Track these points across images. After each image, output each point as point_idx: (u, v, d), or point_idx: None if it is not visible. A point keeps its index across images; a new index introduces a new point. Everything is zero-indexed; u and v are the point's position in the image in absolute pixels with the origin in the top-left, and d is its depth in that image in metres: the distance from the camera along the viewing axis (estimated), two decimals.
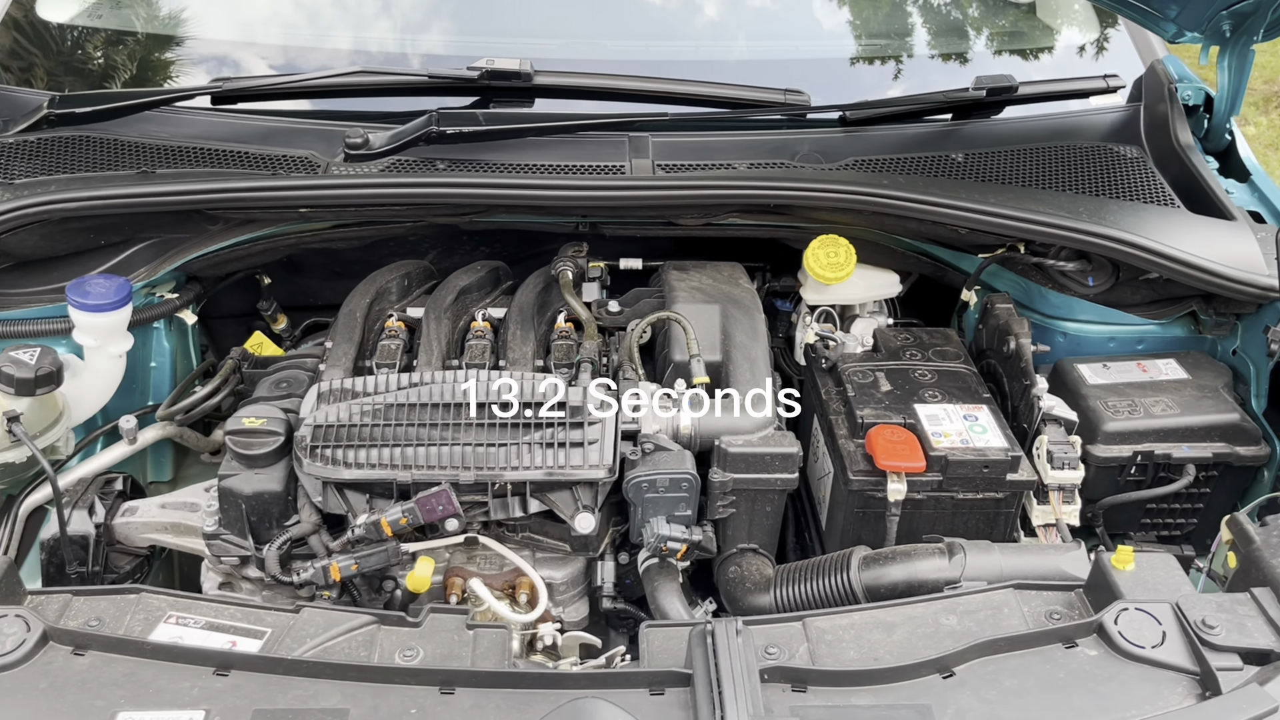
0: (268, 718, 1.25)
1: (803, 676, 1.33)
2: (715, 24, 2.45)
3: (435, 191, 1.93)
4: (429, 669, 1.31)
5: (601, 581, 1.88)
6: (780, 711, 1.28)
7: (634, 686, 1.31)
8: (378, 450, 1.70)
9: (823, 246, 2.07)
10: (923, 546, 1.71)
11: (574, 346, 1.94)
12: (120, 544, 1.97)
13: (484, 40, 2.47)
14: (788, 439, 1.79)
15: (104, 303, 1.93)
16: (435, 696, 1.29)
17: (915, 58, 2.49)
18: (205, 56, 2.43)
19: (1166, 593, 1.44)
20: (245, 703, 1.27)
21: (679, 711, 1.28)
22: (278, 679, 1.30)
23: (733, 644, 1.31)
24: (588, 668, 1.50)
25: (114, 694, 1.27)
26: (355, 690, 1.29)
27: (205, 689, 1.28)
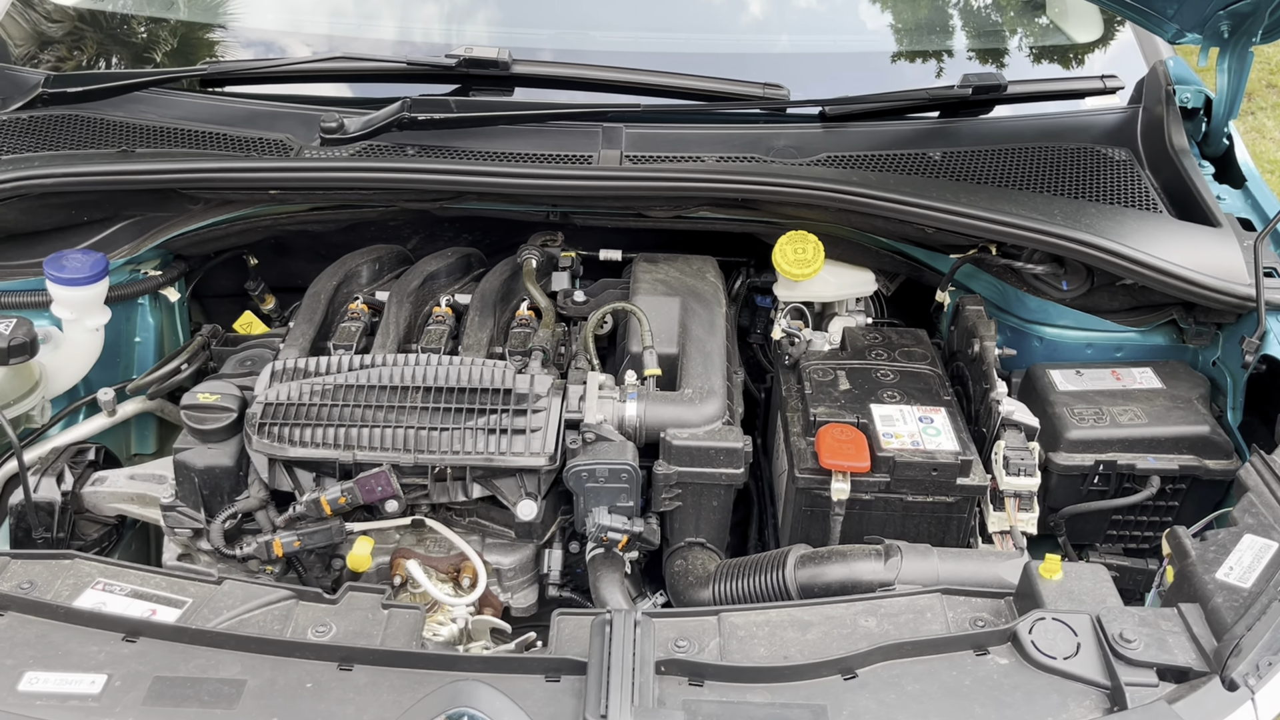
0: (167, 685, 1.28)
1: (700, 670, 1.32)
2: (704, 17, 2.44)
3: (402, 177, 1.95)
4: (329, 645, 1.33)
5: (549, 569, 1.89)
6: (671, 704, 1.28)
7: (531, 672, 1.32)
8: (323, 430, 1.73)
9: (791, 242, 2.06)
10: (860, 548, 1.69)
11: (530, 334, 1.95)
12: (89, 512, 2.02)
13: (481, 29, 2.49)
14: (734, 434, 1.78)
15: (79, 277, 1.98)
16: (333, 672, 1.31)
17: (905, 54, 2.45)
18: (199, 40, 2.48)
19: (1091, 604, 1.41)
20: (148, 669, 1.30)
21: (571, 699, 1.28)
22: (183, 648, 1.33)
23: (628, 634, 1.31)
24: (490, 651, 1.51)
25: (24, 654, 1.31)
26: (256, 662, 1.32)
27: (112, 654, 1.32)
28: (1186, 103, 2.31)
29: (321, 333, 1.97)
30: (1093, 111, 2.39)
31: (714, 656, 1.39)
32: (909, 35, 2.50)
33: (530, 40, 2.42)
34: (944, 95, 2.21)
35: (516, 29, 2.48)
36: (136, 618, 1.36)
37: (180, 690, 1.27)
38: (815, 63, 2.37)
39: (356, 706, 1.27)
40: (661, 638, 1.41)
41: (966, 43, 2.52)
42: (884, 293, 2.37)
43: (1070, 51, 2.57)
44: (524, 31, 2.46)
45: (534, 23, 2.46)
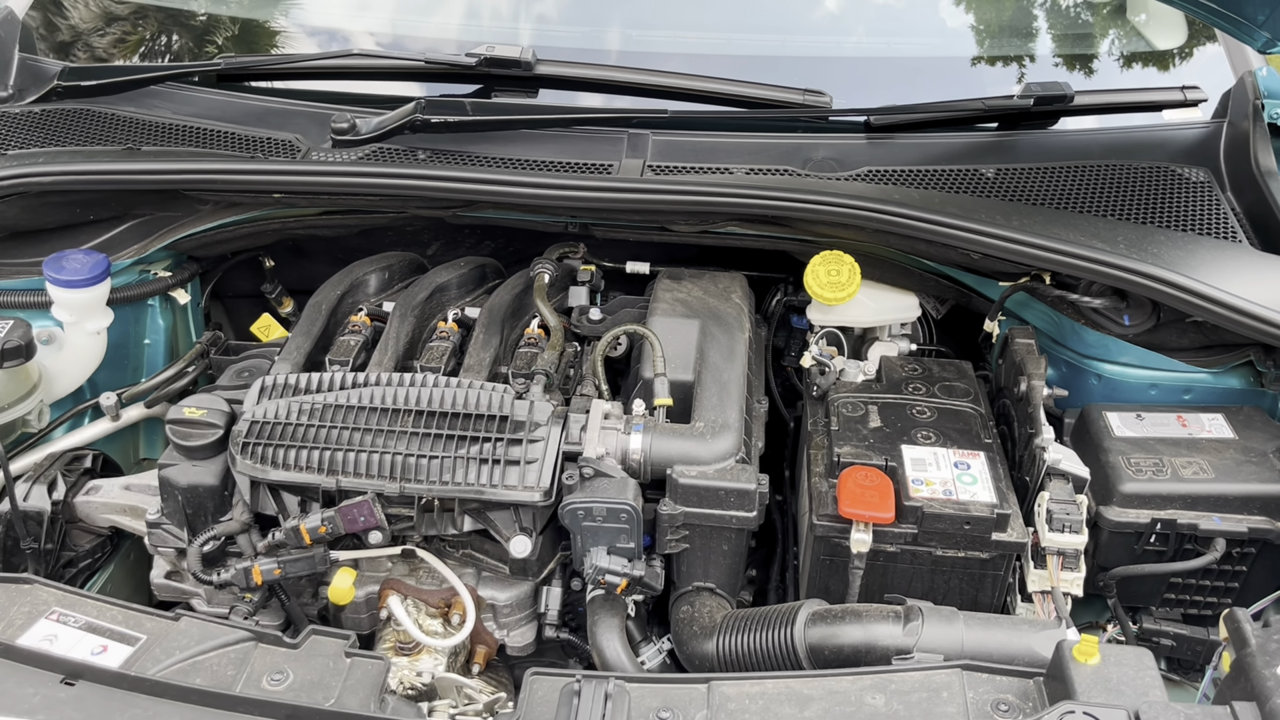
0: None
1: None
2: (742, 17, 2.28)
3: (408, 183, 1.84)
4: (272, 701, 1.22)
5: (546, 608, 1.77)
6: None
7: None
8: (307, 452, 1.62)
9: (824, 263, 1.90)
10: (878, 608, 1.53)
11: (536, 355, 1.82)
12: (82, 522, 1.96)
13: (508, 25, 2.37)
14: (746, 473, 1.64)
15: (78, 279, 1.91)
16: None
17: (963, 59, 2.27)
18: (220, 32, 2.41)
19: (1130, 696, 1.24)
20: (80, 717, 1.21)
21: None
22: (121, 695, 1.23)
23: (596, 707, 1.18)
24: (459, 712, 1.39)
25: None
26: (197, 716, 1.22)
27: (48, 697, 1.23)
28: (1277, 119, 2.09)
29: (321, 345, 1.88)
30: (1171, 126, 2.18)
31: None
32: (968, 39, 2.31)
33: (559, 39, 2.30)
34: (1002, 106, 2.03)
35: (546, 26, 2.35)
36: (77, 660, 1.26)
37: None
38: (862, 68, 2.20)
39: None
40: (644, 706, 1.28)
41: (1032, 48, 2.32)
42: (934, 315, 2.20)
43: (1150, 59, 2.36)
44: (553, 29, 2.33)
45: (564, 20, 2.32)
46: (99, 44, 2.44)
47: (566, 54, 2.11)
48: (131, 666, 1.30)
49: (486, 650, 1.78)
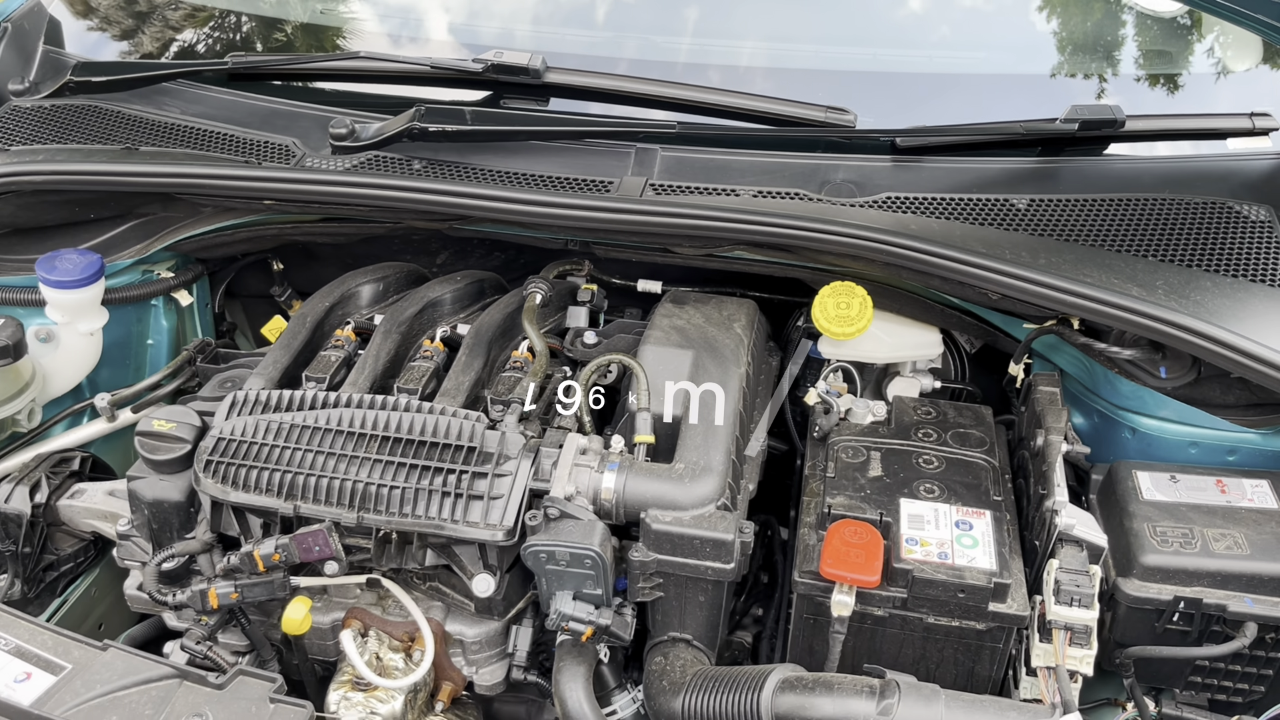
0: None
1: None
2: (764, 25, 2.15)
3: (396, 195, 1.76)
4: None
5: (515, 648, 1.68)
6: None
7: None
8: (269, 474, 1.56)
9: (833, 295, 1.77)
10: (853, 680, 1.41)
11: (519, 380, 1.73)
12: (65, 526, 1.94)
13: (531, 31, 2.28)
14: (725, 522, 1.52)
15: (69, 279, 1.88)
16: None
17: (1006, 77, 2.10)
18: (230, 32, 2.37)
19: None
20: None
21: None
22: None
23: None
24: None
25: None
26: None
27: None
28: None
29: (302, 359, 1.81)
30: (1238, 156, 1.99)
31: None
32: (1015, 55, 2.15)
33: (576, 46, 2.20)
34: (1044, 130, 1.87)
35: (566, 31, 2.25)
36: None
37: None
38: (891, 83, 2.05)
39: None
40: None
41: (1088, 65, 2.14)
42: (967, 349, 2.05)
43: (1219, 82, 2.16)
44: (570, 34, 2.22)
45: (581, 26, 2.22)
46: (123, 35, 2.42)
47: (584, 62, 2.01)
48: (50, 698, 1.25)
49: (453, 688, 1.70)
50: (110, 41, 2.42)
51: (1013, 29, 2.19)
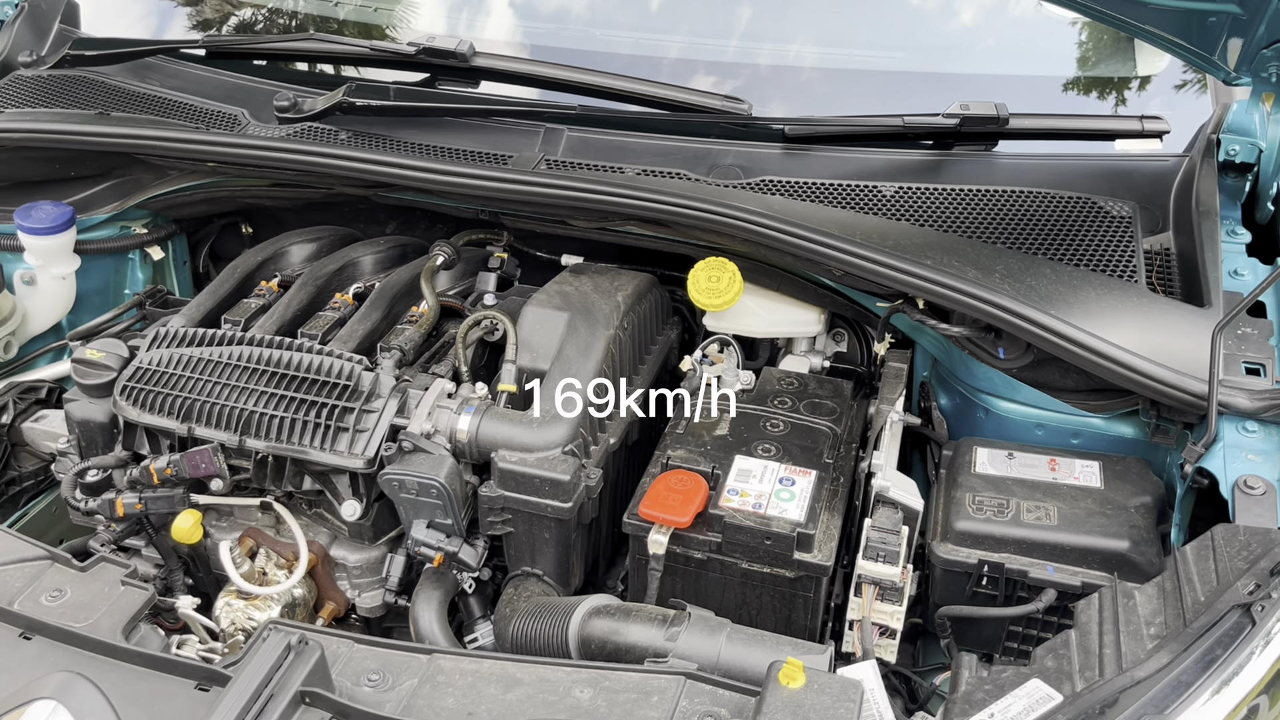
0: None
1: (345, 711, 1.24)
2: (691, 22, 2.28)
3: (317, 160, 1.95)
4: (19, 613, 1.35)
5: (388, 574, 1.84)
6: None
7: (185, 677, 1.28)
8: (171, 400, 1.76)
9: (706, 269, 1.90)
10: (651, 610, 1.54)
11: (404, 332, 1.90)
12: (29, 446, 2.17)
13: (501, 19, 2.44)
14: (565, 465, 1.67)
15: (41, 226, 2.12)
16: (11, 638, 1.33)
17: (914, 75, 2.19)
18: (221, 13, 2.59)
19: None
20: None
21: (202, 710, 1.23)
22: None
23: (272, 655, 1.24)
24: (173, 652, 1.47)
25: None
26: None
27: None
28: (1234, 156, 1.95)
29: (227, 305, 2.01)
30: (1131, 158, 2.05)
31: (398, 698, 1.30)
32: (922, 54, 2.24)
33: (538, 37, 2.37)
34: (925, 124, 1.97)
35: (531, 23, 2.42)
36: None
37: None
38: (794, 76, 2.17)
39: (9, 675, 1.28)
40: (360, 666, 1.35)
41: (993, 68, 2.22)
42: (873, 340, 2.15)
43: (1129, 85, 2.22)
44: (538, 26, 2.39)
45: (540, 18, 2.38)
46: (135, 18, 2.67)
47: (521, 50, 2.18)
48: None
49: (334, 608, 1.87)
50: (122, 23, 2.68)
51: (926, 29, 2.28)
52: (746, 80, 2.17)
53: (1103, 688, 1.18)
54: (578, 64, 2.11)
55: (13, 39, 2.46)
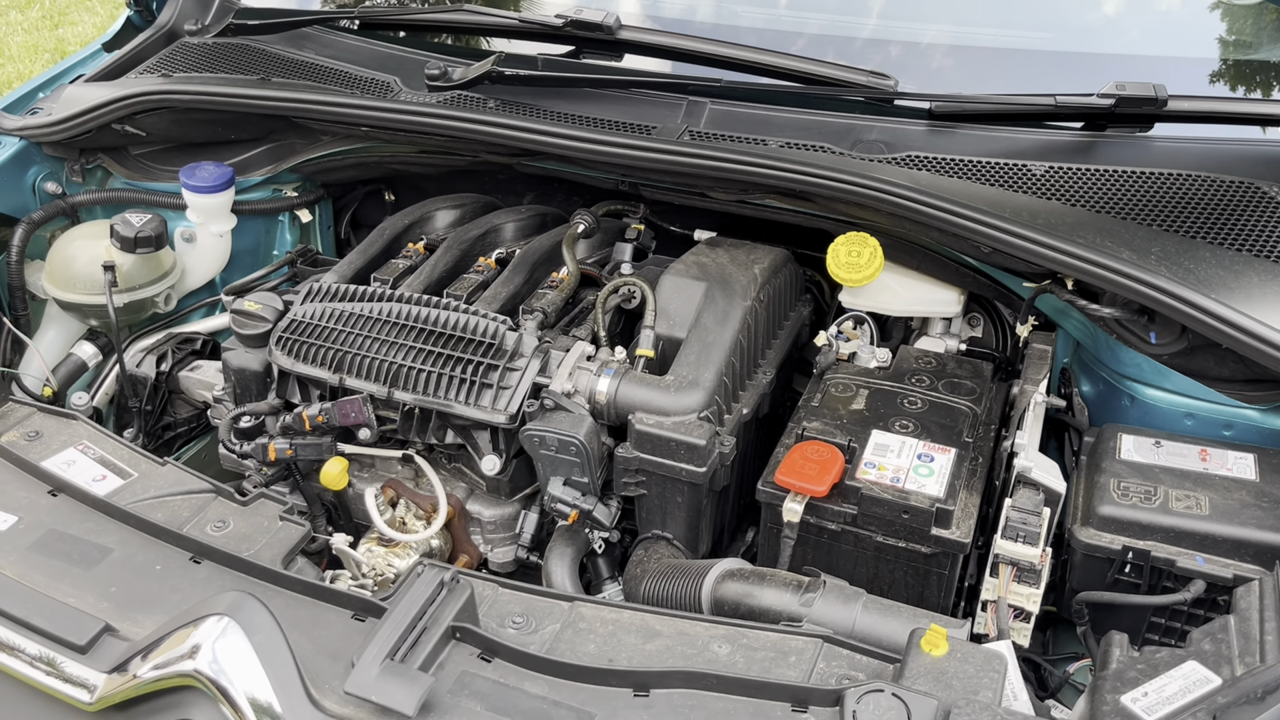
0: (54, 538, 1.44)
1: (492, 647, 1.28)
2: None
3: (466, 126, 2.00)
4: (191, 538, 1.43)
5: (521, 530, 1.89)
6: (449, 670, 1.25)
7: (343, 607, 1.35)
8: (324, 351, 1.83)
9: (846, 244, 1.89)
10: (785, 575, 1.55)
11: (545, 296, 1.94)
12: (183, 394, 2.29)
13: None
14: (701, 430, 1.68)
15: (205, 185, 2.23)
16: (184, 562, 1.41)
17: (1062, 54, 2.14)
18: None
19: (958, 691, 1.21)
20: (48, 521, 1.47)
21: (358, 639, 1.29)
22: (84, 510, 1.49)
23: (426, 590, 1.29)
24: (335, 584, 1.53)
25: None
26: (130, 537, 1.45)
27: (33, 502, 1.50)
28: None
29: (375, 264, 2.08)
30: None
31: (541, 641, 1.34)
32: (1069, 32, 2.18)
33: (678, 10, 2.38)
34: (1078, 104, 1.91)
35: None
36: (63, 477, 1.53)
37: (61, 545, 1.43)
38: (939, 54, 2.14)
39: (184, 596, 1.36)
40: (505, 609, 1.39)
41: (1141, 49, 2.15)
42: (1010, 322, 2.12)
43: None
44: None
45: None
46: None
47: (662, 24, 2.20)
48: (116, 495, 1.55)
49: (467, 560, 1.93)
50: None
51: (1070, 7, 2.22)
52: (886, 56, 2.15)
53: (1265, 673, 1.15)
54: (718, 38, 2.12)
55: (179, 9, 2.58)
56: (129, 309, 2.24)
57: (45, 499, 1.50)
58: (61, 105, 2.30)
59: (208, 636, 1.21)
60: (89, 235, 2.27)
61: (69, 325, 2.34)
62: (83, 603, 1.34)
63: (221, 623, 1.22)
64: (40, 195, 2.34)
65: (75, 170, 2.37)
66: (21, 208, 2.31)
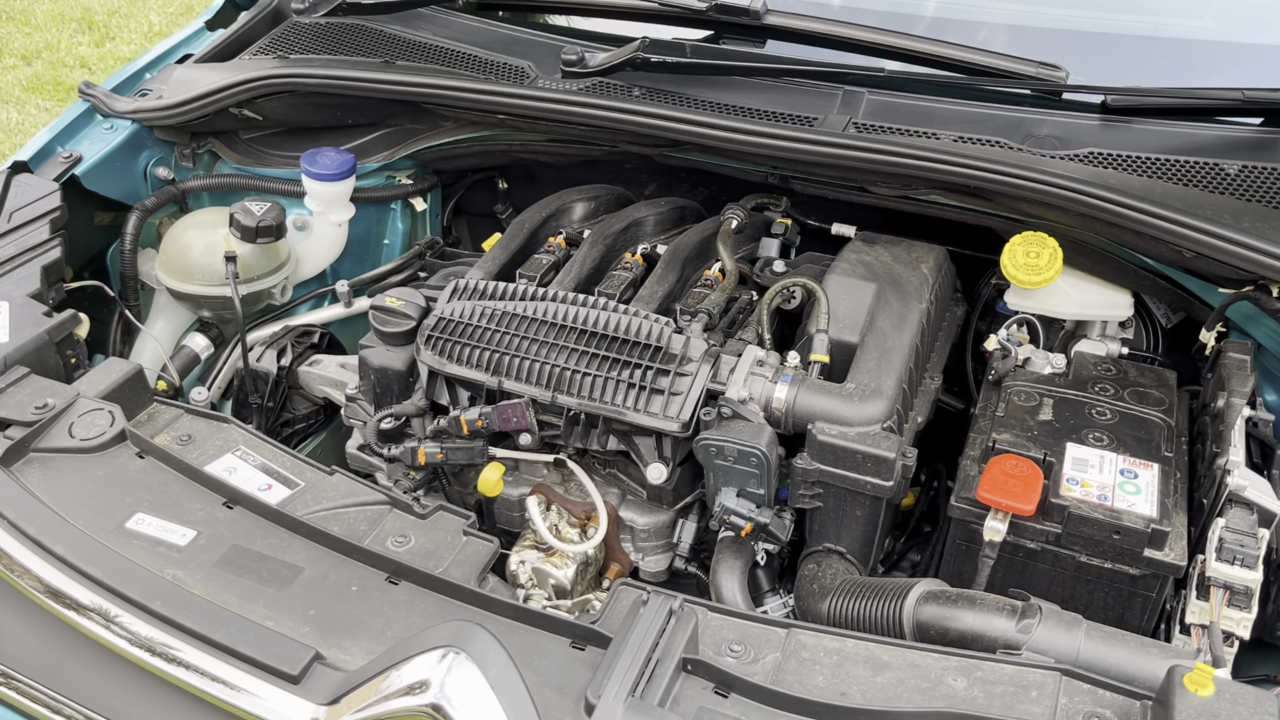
0: (239, 554, 1.36)
1: (729, 681, 1.21)
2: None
3: (616, 116, 1.91)
4: (385, 556, 1.35)
5: (679, 540, 1.82)
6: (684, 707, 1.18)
7: (559, 634, 1.27)
8: (480, 352, 1.75)
9: (1023, 244, 1.80)
10: (995, 599, 1.47)
11: (706, 296, 1.85)
12: (302, 390, 2.21)
13: None
14: (889, 441, 1.60)
15: (327, 173, 2.14)
16: (380, 582, 1.34)
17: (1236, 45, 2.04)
18: None
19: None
20: (230, 535, 1.39)
21: (586, 671, 1.22)
22: (267, 525, 1.41)
23: (657, 620, 1.22)
24: (535, 605, 1.46)
25: (143, 496, 1.45)
26: (319, 555, 1.37)
27: (209, 515, 1.42)
28: None
29: (517, 260, 2.00)
30: None
31: (764, 671, 1.26)
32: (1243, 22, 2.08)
33: None
34: (1266, 99, 1.82)
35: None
36: (238, 488, 1.45)
37: (248, 562, 1.35)
38: (1104, 44, 2.04)
39: (386, 620, 1.28)
40: (720, 636, 1.31)
41: None
42: (1163, 324, 2.03)
43: None
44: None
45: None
46: None
47: (802, 7, 2.10)
48: (286, 505, 1.48)
49: (619, 569, 1.85)
50: None
51: None
52: (1050, 46, 2.05)
53: None
54: (872, 24, 2.02)
55: None
56: (246, 300, 2.15)
57: (222, 511, 1.43)
58: (174, 87, 2.22)
59: (436, 670, 1.14)
60: (203, 223, 2.19)
61: (178, 316, 2.26)
62: (282, 627, 1.26)
63: (450, 656, 1.15)
64: (151, 181, 2.26)
65: (185, 155, 2.28)
66: (132, 194, 2.23)
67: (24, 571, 1.33)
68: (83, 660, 1.31)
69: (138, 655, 1.25)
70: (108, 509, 1.42)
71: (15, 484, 1.41)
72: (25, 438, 1.50)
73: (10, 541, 1.35)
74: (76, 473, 1.48)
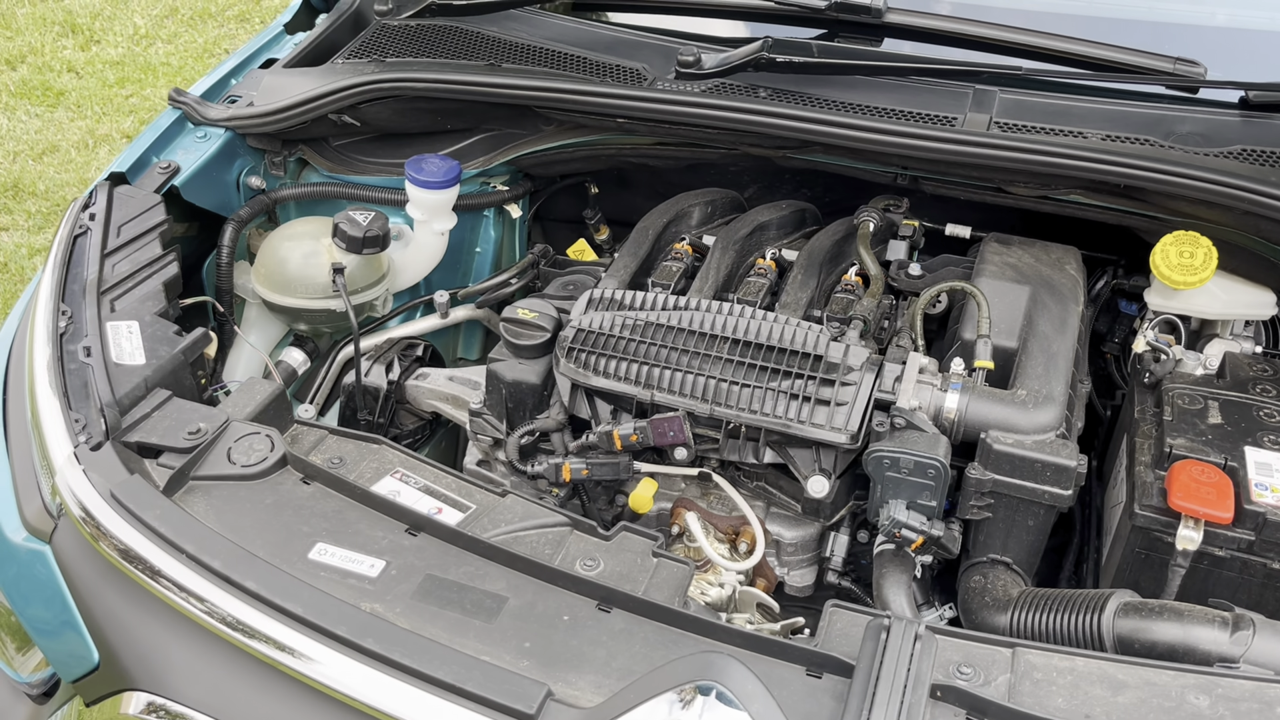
0: (435, 584, 1.30)
1: (984, 708, 1.16)
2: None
3: (748, 118, 1.86)
4: (595, 582, 1.29)
5: (831, 553, 1.77)
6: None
7: (792, 661, 1.22)
8: (627, 364, 1.69)
9: (1177, 243, 1.77)
10: (1200, 610, 1.43)
11: (853, 302, 1.81)
12: (409, 404, 2.14)
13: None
14: (1067, 449, 1.56)
15: (434, 180, 2.07)
16: (591, 610, 1.28)
17: None
18: None
19: None
20: (422, 565, 1.32)
21: (830, 701, 1.16)
22: (457, 551, 1.35)
23: (905, 646, 1.17)
24: (757, 628, 1.41)
25: (320, 525, 1.38)
26: (520, 582, 1.31)
27: (394, 543, 1.36)
28: None
29: (644, 268, 1.94)
30: None
31: (1000, 694, 1.22)
32: None
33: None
34: None
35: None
36: (421, 513, 1.39)
37: (446, 593, 1.29)
38: (1241, 39, 2.01)
39: (608, 651, 1.23)
40: (943, 659, 1.26)
41: None
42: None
43: None
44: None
45: None
46: None
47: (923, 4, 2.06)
48: (464, 528, 1.41)
49: (765, 584, 1.80)
50: None
51: None
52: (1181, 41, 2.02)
53: None
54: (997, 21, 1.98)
55: None
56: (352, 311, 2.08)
57: (406, 539, 1.36)
58: (266, 94, 2.14)
59: (694, 708, 1.08)
60: (300, 234, 2.11)
61: (270, 329, 2.19)
62: (500, 661, 1.20)
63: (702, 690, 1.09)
64: (244, 190, 2.18)
65: (276, 163, 2.20)
66: (225, 204, 2.15)
67: (211, 608, 1.26)
68: (282, 701, 1.24)
69: (349, 694, 1.19)
70: (286, 539, 1.35)
71: (188, 516, 1.34)
72: (185, 466, 1.43)
73: (193, 577, 1.28)
74: (243, 500, 1.41)
